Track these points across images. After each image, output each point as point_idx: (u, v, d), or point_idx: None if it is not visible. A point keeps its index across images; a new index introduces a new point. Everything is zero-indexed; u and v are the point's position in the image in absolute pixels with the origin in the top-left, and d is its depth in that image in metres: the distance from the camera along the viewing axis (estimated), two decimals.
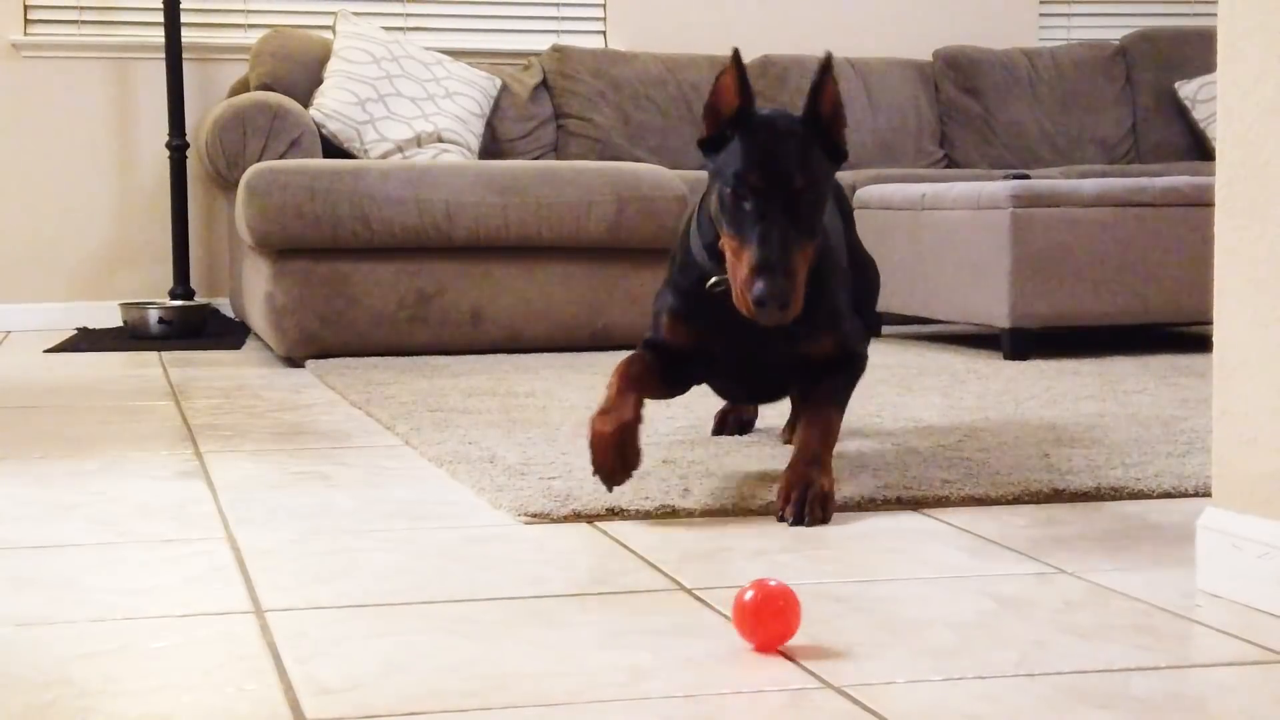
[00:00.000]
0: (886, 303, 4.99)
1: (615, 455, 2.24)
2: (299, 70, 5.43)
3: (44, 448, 2.98)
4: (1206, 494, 2.33)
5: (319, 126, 5.18)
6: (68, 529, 2.24)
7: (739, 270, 2.20)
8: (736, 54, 2.28)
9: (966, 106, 6.28)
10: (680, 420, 3.12)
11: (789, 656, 1.58)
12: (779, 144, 2.25)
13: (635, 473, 2.28)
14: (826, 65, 2.30)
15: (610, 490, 2.28)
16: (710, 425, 3.02)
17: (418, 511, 2.34)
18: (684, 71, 6.07)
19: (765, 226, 2.18)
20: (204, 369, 4.38)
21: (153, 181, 5.83)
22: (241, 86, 5.57)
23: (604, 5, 6.30)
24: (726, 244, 2.24)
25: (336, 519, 2.29)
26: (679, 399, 3.44)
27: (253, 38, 5.75)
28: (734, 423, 2.98)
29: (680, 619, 1.74)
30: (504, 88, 5.74)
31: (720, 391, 2.71)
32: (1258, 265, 1.76)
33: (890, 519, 2.26)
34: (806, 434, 2.36)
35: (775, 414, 3.01)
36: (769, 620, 1.59)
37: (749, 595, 1.59)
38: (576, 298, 4.65)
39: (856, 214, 5.19)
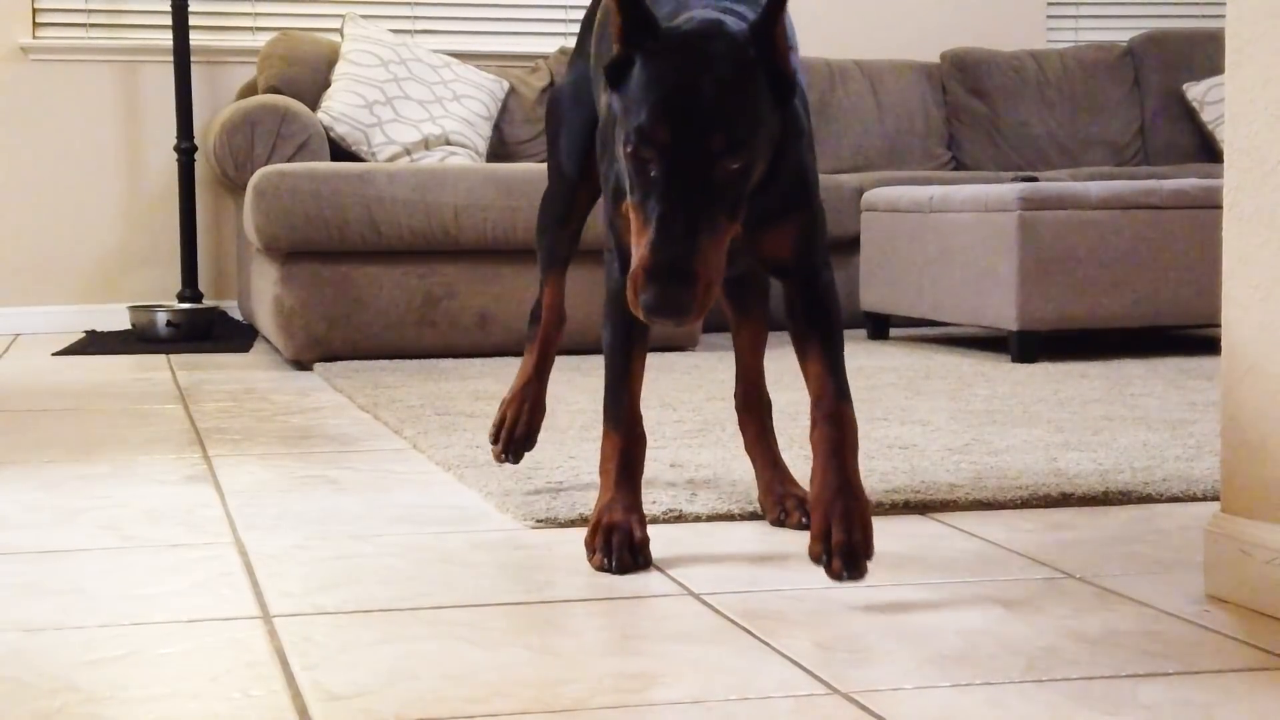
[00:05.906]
0: (894, 305, 4.99)
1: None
2: (307, 73, 5.44)
3: (51, 452, 2.98)
4: (1215, 498, 2.32)
5: (327, 129, 5.18)
6: (75, 534, 2.24)
7: (634, 255, 1.68)
8: None
9: (974, 109, 6.27)
10: (688, 424, 3.12)
11: (796, 662, 1.58)
12: (699, 80, 1.65)
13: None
14: None
15: None
16: (713, 431, 3.01)
17: (425, 516, 2.35)
18: None
19: (669, 206, 1.63)
20: (212, 372, 4.38)
21: (161, 185, 5.83)
22: (249, 89, 5.58)
23: None
24: (630, 210, 1.70)
25: (344, 524, 2.29)
26: (686, 400, 3.46)
27: (260, 41, 5.75)
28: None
29: (688, 624, 1.74)
30: (511, 90, 5.74)
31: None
32: (1266, 270, 1.76)
33: (898, 523, 2.26)
34: (825, 447, 1.88)
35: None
36: None
37: None
38: (583, 301, 4.63)
39: (862, 216, 5.19)
